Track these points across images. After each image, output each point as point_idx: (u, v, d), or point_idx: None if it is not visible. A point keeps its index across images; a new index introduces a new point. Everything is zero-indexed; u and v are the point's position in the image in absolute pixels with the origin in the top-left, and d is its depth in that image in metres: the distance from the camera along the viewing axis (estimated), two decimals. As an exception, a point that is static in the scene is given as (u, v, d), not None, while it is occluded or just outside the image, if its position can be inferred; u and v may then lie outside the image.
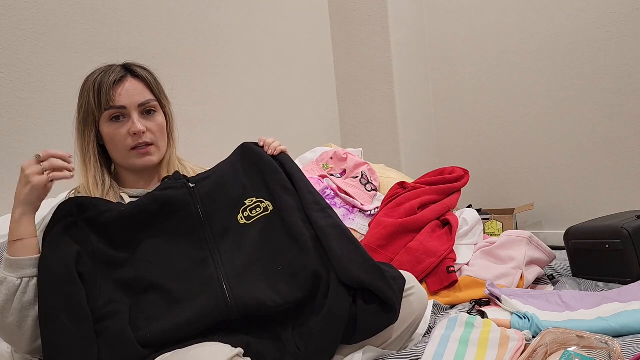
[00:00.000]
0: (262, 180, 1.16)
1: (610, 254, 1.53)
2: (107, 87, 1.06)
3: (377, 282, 1.03)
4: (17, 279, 0.93)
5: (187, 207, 1.08)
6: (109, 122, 1.08)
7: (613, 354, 0.87)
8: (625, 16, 2.42)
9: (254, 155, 1.18)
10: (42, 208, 1.44)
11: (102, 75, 1.08)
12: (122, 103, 1.07)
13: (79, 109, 1.10)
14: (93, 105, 1.07)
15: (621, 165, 2.50)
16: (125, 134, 1.08)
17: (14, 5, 1.54)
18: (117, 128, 1.08)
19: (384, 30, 2.76)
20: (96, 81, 1.07)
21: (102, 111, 1.07)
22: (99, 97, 1.06)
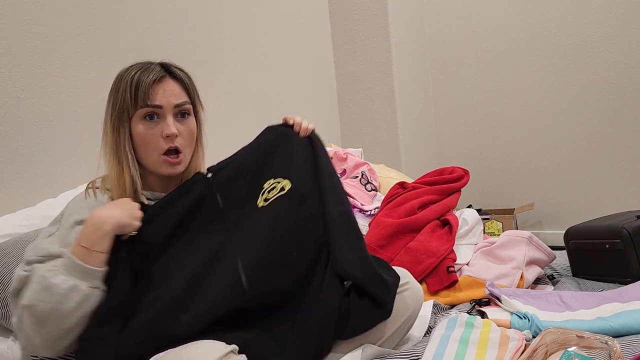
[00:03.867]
0: (282, 160, 1.13)
1: (610, 254, 1.53)
2: (145, 85, 1.04)
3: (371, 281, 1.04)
4: (90, 288, 0.93)
5: (206, 199, 1.07)
6: (142, 120, 1.05)
7: (613, 354, 0.87)
8: (625, 16, 2.42)
9: (278, 137, 1.15)
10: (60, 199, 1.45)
11: (140, 73, 1.05)
12: (159, 102, 1.05)
13: (113, 105, 1.06)
14: (128, 102, 1.04)
15: (621, 165, 2.50)
16: (157, 135, 1.06)
17: (15, 6, 1.54)
18: (150, 128, 1.05)
19: (384, 30, 2.76)
20: (134, 78, 1.04)
21: (137, 108, 1.04)
22: (136, 94, 1.03)
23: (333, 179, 1.13)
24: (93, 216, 0.96)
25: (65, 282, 0.91)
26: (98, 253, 0.94)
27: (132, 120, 1.05)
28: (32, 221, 1.39)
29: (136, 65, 1.08)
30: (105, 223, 0.95)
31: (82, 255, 0.93)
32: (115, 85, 1.08)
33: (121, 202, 1.01)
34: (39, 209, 1.45)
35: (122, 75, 1.07)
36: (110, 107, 1.07)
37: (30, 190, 1.55)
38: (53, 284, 0.90)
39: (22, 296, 0.92)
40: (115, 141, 1.05)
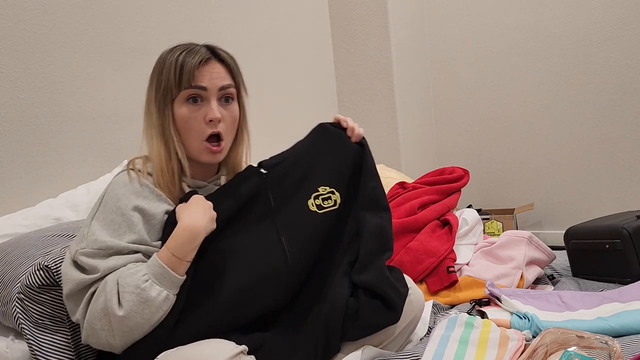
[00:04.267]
0: (336, 166, 1.13)
1: (610, 254, 1.53)
2: (190, 65, 1.00)
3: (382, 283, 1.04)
4: (174, 296, 0.93)
5: (258, 195, 1.07)
6: (185, 102, 1.02)
7: (613, 354, 0.87)
8: (625, 16, 2.42)
9: (333, 138, 1.14)
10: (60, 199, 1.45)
11: (185, 54, 1.02)
12: (204, 84, 1.01)
13: (157, 87, 1.03)
14: (172, 83, 1.01)
15: (621, 165, 2.50)
16: (200, 119, 1.02)
17: (15, 5, 1.54)
18: (193, 110, 1.02)
19: (384, 30, 2.76)
20: (179, 58, 1.01)
21: (180, 89, 1.01)
22: (181, 75, 1.00)
23: (377, 192, 1.14)
24: (186, 226, 0.93)
25: (159, 294, 0.90)
26: (187, 263, 0.94)
27: (175, 102, 1.02)
28: (32, 221, 1.39)
29: (180, 46, 1.05)
30: (200, 235, 0.94)
31: (175, 265, 0.92)
32: (158, 66, 1.05)
33: (200, 205, 0.97)
34: (39, 209, 1.45)
35: (165, 56, 1.04)
36: (153, 89, 1.04)
37: (30, 190, 1.55)
38: (150, 297, 0.89)
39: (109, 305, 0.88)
40: (162, 124, 1.02)
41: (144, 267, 0.92)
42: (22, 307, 1.02)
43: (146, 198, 0.99)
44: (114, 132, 1.78)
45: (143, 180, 1.01)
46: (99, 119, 1.74)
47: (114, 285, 0.89)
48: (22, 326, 1.01)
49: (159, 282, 0.90)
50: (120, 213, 0.96)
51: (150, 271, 0.91)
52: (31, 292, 1.02)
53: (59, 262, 1.03)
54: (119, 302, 0.89)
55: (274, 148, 2.42)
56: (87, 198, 1.52)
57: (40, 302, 1.02)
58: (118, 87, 1.80)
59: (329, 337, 1.01)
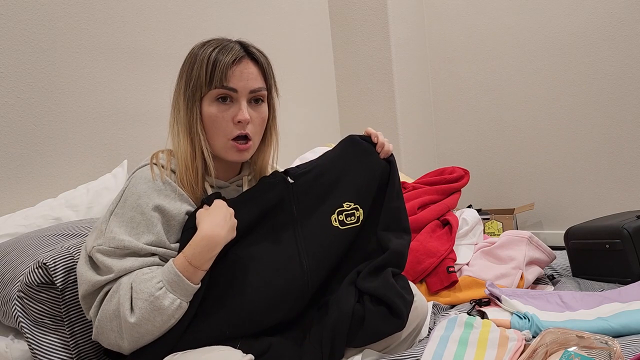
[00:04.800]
0: (364, 184, 1.11)
1: (611, 254, 1.53)
2: (223, 64, 0.98)
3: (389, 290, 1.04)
4: (187, 304, 0.92)
5: (282, 204, 1.05)
6: (215, 101, 1.00)
7: (613, 354, 0.87)
8: (625, 17, 2.42)
9: (362, 153, 1.13)
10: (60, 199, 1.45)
11: (218, 51, 1.00)
12: (235, 85, 0.99)
13: (186, 82, 1.01)
14: (203, 80, 0.98)
15: (621, 166, 2.50)
16: (228, 119, 1.00)
17: (15, 5, 1.54)
18: (222, 110, 1.00)
19: (384, 30, 2.76)
20: (211, 55, 0.99)
21: (211, 88, 0.99)
22: (212, 73, 0.98)
23: (400, 212, 1.14)
24: (205, 235, 0.91)
25: (173, 302, 0.89)
26: (203, 272, 0.93)
27: (204, 99, 1.00)
28: (32, 221, 1.39)
29: (213, 42, 1.03)
30: (218, 245, 0.93)
31: (190, 274, 0.90)
32: (189, 60, 1.02)
33: (222, 212, 0.95)
34: (39, 209, 1.45)
35: (197, 51, 1.02)
36: (182, 84, 1.02)
37: (30, 190, 1.55)
38: (164, 306, 0.88)
39: (122, 310, 0.87)
40: (189, 121, 1.00)
41: (159, 274, 0.90)
42: (21, 305, 1.01)
43: (168, 197, 0.97)
44: (114, 132, 1.78)
45: (166, 178, 0.98)
46: (99, 119, 1.74)
47: (128, 289, 0.89)
48: (22, 325, 1.01)
49: (173, 290, 0.89)
50: (140, 211, 0.94)
51: (165, 278, 0.90)
52: (31, 290, 1.01)
53: (57, 260, 1.02)
54: (132, 308, 0.88)
55: (274, 148, 2.41)
56: (87, 198, 1.52)
57: (39, 300, 1.02)
58: (118, 87, 1.80)
59: (334, 344, 1.00)
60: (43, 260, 1.02)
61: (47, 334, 1.02)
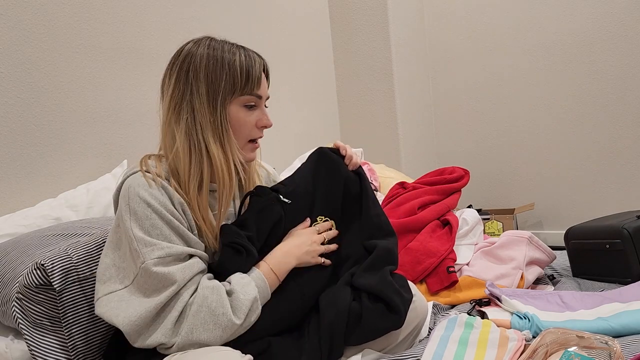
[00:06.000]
0: (331, 195, 1.15)
1: (611, 254, 1.53)
2: (256, 72, 1.04)
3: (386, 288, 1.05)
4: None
5: (280, 224, 1.09)
6: (242, 107, 1.04)
7: (613, 354, 0.87)
8: (625, 17, 2.42)
9: (331, 166, 1.16)
10: (60, 199, 1.45)
11: (248, 59, 1.03)
12: (261, 93, 1.06)
13: (212, 84, 1.00)
14: (237, 85, 1.02)
15: (621, 166, 2.50)
16: (252, 124, 1.06)
17: (15, 5, 1.54)
18: (248, 115, 1.05)
19: (384, 30, 2.76)
20: (242, 63, 1.02)
21: (242, 94, 1.03)
22: (246, 80, 1.02)
23: (380, 219, 1.17)
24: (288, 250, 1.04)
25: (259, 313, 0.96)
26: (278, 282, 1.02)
27: (232, 103, 1.03)
28: (32, 221, 1.39)
29: (233, 48, 1.04)
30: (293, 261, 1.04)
31: (272, 282, 1.00)
32: (210, 63, 1.01)
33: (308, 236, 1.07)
34: (39, 209, 1.45)
35: (221, 54, 1.02)
36: (203, 85, 1.00)
37: (30, 190, 1.55)
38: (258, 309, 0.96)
39: (222, 313, 0.91)
40: (217, 123, 1.01)
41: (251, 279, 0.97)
42: (20, 307, 1.01)
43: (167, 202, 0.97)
44: (114, 132, 1.78)
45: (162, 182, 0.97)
46: (99, 119, 1.74)
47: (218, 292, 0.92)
48: (21, 326, 1.01)
49: (262, 299, 0.97)
50: (157, 217, 0.93)
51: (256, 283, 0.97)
52: (29, 291, 1.01)
53: (55, 261, 1.02)
54: (233, 311, 0.92)
55: (274, 148, 2.43)
56: (87, 198, 1.52)
57: (38, 301, 1.02)
58: (118, 87, 1.80)
59: (333, 342, 1.01)
60: (41, 261, 1.01)
61: (46, 335, 1.02)
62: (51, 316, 1.02)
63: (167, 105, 1.02)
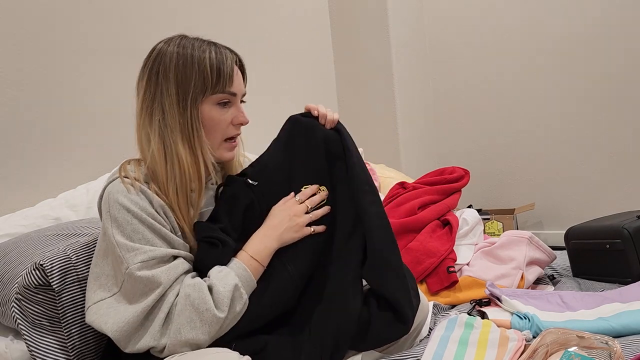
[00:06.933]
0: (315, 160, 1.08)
1: (611, 254, 1.53)
2: (227, 69, 1.00)
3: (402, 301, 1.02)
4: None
5: (252, 207, 1.05)
6: (215, 105, 1.01)
7: (613, 354, 0.87)
8: (626, 17, 2.42)
9: (306, 131, 1.09)
10: (60, 199, 1.45)
11: (217, 56, 1.00)
12: (235, 90, 1.03)
13: (180, 84, 0.98)
14: (208, 84, 0.98)
15: (621, 165, 2.50)
16: (227, 122, 1.03)
17: (14, 5, 1.54)
18: (222, 113, 1.02)
19: (384, 30, 2.76)
20: (212, 60, 0.99)
21: (214, 92, 1.00)
22: (217, 78, 0.99)
23: (366, 175, 1.09)
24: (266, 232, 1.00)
25: (243, 296, 0.94)
26: (263, 268, 0.99)
27: (203, 102, 1.00)
28: (32, 221, 1.39)
29: (204, 45, 1.02)
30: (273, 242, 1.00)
31: (254, 269, 0.97)
32: (180, 61, 0.99)
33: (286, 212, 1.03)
34: (39, 209, 1.45)
35: (191, 52, 0.99)
36: (172, 85, 0.98)
37: (30, 190, 1.55)
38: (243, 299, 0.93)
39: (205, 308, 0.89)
40: (186, 124, 0.98)
41: (230, 269, 0.95)
42: (19, 307, 1.01)
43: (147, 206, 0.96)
44: (113, 132, 1.78)
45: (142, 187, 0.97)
46: (99, 119, 1.74)
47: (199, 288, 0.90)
48: (20, 326, 1.01)
49: (246, 290, 0.94)
50: (138, 221, 0.93)
51: (236, 273, 0.94)
52: (28, 292, 1.01)
53: (54, 261, 1.02)
54: (216, 305, 0.90)
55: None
56: (87, 198, 1.52)
57: (37, 302, 1.01)
58: (118, 87, 1.80)
59: (337, 347, 0.99)
60: (40, 262, 1.01)
61: (45, 335, 1.01)
62: (50, 316, 1.02)
63: (139, 107, 1.02)
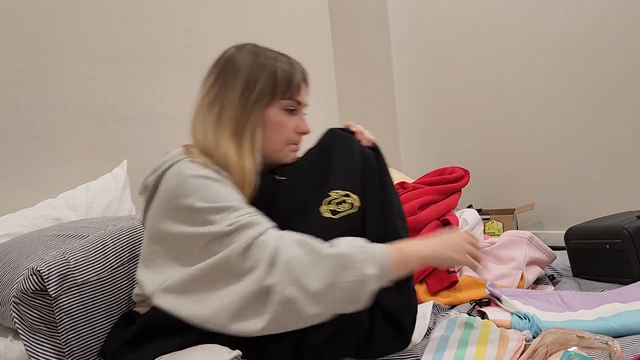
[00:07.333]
0: (349, 169, 1.09)
1: (611, 254, 1.53)
2: (298, 79, 1.07)
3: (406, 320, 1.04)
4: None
5: (275, 203, 1.04)
6: (282, 110, 1.06)
7: (613, 354, 0.87)
8: (626, 17, 2.42)
9: (341, 140, 1.11)
10: (60, 199, 1.45)
11: (290, 66, 1.07)
12: (302, 100, 1.10)
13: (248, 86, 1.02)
14: (278, 89, 1.04)
15: (621, 165, 2.49)
16: (292, 129, 1.08)
17: (14, 5, 1.54)
18: (289, 119, 1.07)
19: (384, 30, 2.76)
20: (285, 69, 1.06)
21: (282, 98, 1.05)
22: (288, 86, 1.06)
23: (399, 201, 1.12)
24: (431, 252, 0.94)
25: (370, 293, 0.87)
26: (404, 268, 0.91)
27: (270, 106, 1.05)
28: (32, 221, 1.39)
29: (277, 55, 1.08)
30: (432, 253, 0.95)
31: (399, 261, 0.90)
32: (251, 65, 1.04)
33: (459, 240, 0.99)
34: (39, 209, 1.45)
35: (263, 61, 1.05)
36: (238, 86, 1.02)
37: (30, 190, 1.55)
38: (367, 292, 0.87)
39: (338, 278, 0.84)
40: (245, 122, 1.01)
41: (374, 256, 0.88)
42: (17, 311, 1.00)
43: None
44: (114, 132, 1.78)
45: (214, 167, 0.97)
46: (99, 119, 1.74)
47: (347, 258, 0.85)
48: (19, 330, 1.00)
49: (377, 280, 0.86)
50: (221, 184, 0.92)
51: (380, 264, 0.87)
52: (25, 297, 1.00)
53: (52, 267, 1.00)
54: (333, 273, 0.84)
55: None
56: (87, 198, 1.52)
57: (35, 307, 1.01)
58: (118, 87, 1.80)
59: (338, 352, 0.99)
60: (37, 267, 1.00)
61: (42, 340, 1.01)
62: (48, 321, 1.01)
63: (200, 98, 1.05)
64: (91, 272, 1.06)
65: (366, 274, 0.85)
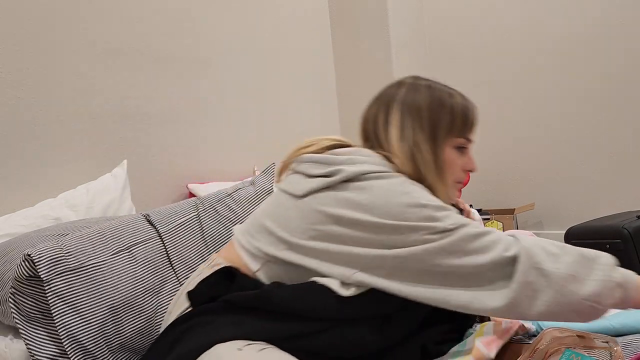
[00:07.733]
0: None
1: (611, 253, 1.52)
2: (474, 119, 1.08)
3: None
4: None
5: None
6: (454, 148, 1.07)
7: (614, 354, 0.87)
8: (625, 17, 2.42)
9: None
10: (60, 199, 1.44)
11: (466, 103, 1.09)
12: (472, 138, 1.10)
13: (431, 123, 1.04)
14: (456, 127, 1.05)
15: (621, 165, 2.49)
16: (460, 167, 1.08)
17: (14, 5, 1.54)
18: (458, 157, 1.08)
19: (384, 30, 2.76)
20: (461, 105, 1.07)
21: (458, 136, 1.06)
22: (464, 123, 1.06)
23: None
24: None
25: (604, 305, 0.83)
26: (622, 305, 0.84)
27: (446, 143, 1.05)
28: (32, 221, 1.39)
29: (452, 91, 1.10)
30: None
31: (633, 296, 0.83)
32: (432, 103, 1.05)
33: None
34: (39, 209, 1.45)
35: (439, 95, 1.07)
36: (423, 123, 1.04)
37: (30, 190, 1.55)
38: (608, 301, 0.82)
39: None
40: (438, 156, 1.04)
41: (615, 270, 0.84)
42: (14, 301, 0.99)
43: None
44: (114, 132, 1.78)
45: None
46: (99, 119, 1.74)
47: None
48: (16, 321, 0.99)
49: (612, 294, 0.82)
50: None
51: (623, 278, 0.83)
52: (20, 284, 0.99)
53: (43, 252, 0.99)
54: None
55: (274, 148, 2.42)
56: (87, 198, 1.52)
57: (29, 294, 1.00)
58: (118, 87, 1.81)
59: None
60: (28, 252, 0.99)
61: (38, 328, 1.00)
62: (43, 309, 1.00)
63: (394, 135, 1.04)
64: (86, 257, 1.04)
65: (613, 276, 0.82)
